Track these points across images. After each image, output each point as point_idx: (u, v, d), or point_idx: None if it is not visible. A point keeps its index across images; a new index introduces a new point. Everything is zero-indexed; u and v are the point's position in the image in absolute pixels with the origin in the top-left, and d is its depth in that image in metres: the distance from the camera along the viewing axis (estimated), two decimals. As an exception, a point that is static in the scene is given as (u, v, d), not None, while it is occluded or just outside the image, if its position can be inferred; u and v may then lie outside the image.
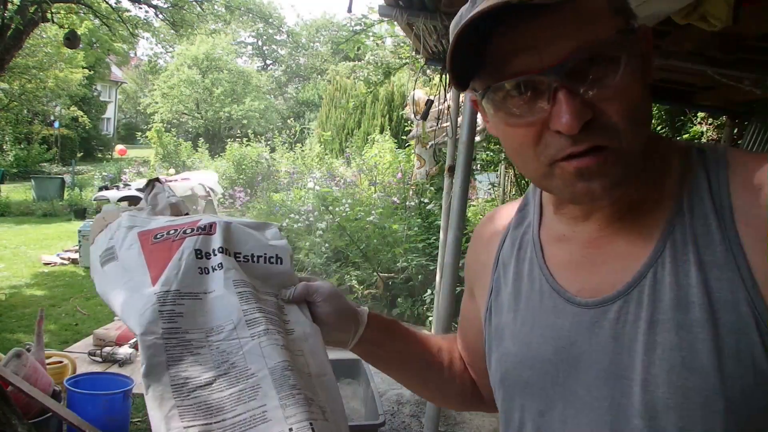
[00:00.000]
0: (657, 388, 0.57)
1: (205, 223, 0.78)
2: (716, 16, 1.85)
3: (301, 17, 70.40)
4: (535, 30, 0.55)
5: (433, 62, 3.86)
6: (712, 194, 0.59)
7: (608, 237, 0.65)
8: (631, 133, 0.56)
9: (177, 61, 28.17)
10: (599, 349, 0.62)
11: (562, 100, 0.54)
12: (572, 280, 0.67)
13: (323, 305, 0.79)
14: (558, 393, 0.66)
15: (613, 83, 0.55)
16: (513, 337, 0.71)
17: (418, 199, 6.76)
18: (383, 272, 5.65)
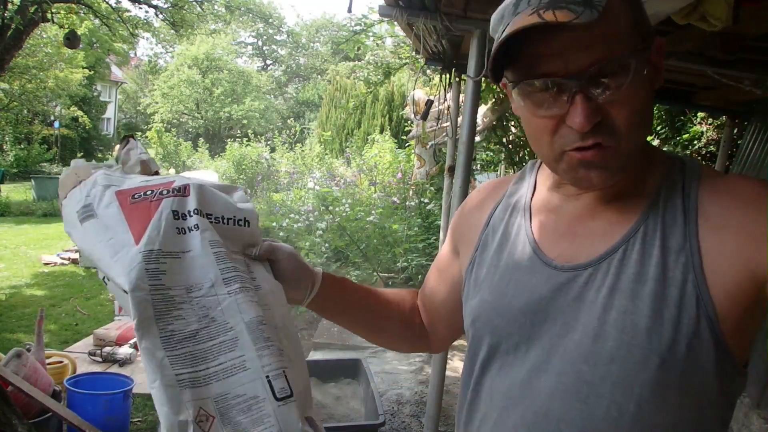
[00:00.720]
0: (606, 341, 0.69)
1: (179, 185, 0.82)
2: (716, 16, 1.84)
3: (301, 17, 70.45)
4: (566, 41, 0.65)
5: (433, 62, 3.85)
6: (683, 195, 0.71)
7: (592, 215, 0.76)
8: (631, 135, 0.68)
9: (177, 61, 28.17)
10: (565, 305, 0.73)
11: (579, 103, 0.66)
12: (552, 247, 0.78)
13: (284, 263, 0.88)
14: (523, 338, 0.76)
15: (622, 92, 0.66)
16: (490, 288, 0.82)
17: (418, 199, 6.76)
18: (383, 272, 5.65)
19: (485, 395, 0.81)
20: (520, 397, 0.75)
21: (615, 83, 0.66)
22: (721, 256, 0.66)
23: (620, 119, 0.67)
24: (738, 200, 0.68)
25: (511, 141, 6.31)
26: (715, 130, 5.36)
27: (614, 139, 0.68)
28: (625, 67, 0.66)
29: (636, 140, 0.70)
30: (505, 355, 0.78)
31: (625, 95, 0.66)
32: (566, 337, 0.72)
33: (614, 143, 0.68)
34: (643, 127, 0.70)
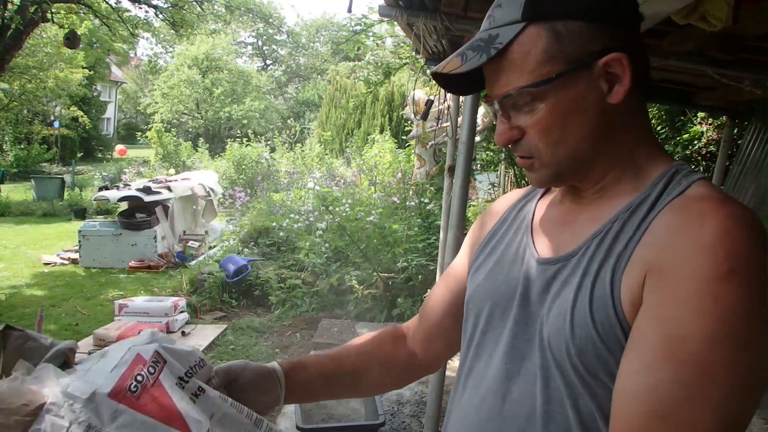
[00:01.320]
0: (545, 328, 0.76)
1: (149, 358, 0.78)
2: (716, 16, 1.84)
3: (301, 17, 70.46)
4: (489, 73, 0.79)
5: (433, 62, 3.85)
6: (651, 207, 0.73)
7: (579, 212, 0.82)
8: (549, 152, 0.76)
9: (177, 61, 28.16)
10: (534, 294, 0.80)
11: (498, 123, 0.80)
12: (542, 240, 0.84)
13: (244, 375, 0.93)
14: (498, 321, 0.84)
15: (532, 115, 0.75)
16: (486, 273, 0.90)
17: (418, 199, 6.76)
18: (383, 272, 5.64)
19: (468, 372, 0.88)
20: (485, 377, 0.83)
21: (527, 105, 0.75)
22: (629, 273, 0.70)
23: (534, 138, 0.76)
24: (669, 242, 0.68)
25: (511, 141, 6.30)
26: (715, 130, 5.36)
27: (533, 154, 0.78)
28: (529, 97, 0.74)
29: (558, 154, 0.76)
30: (482, 335, 0.86)
31: (536, 118, 0.75)
32: (528, 323, 0.79)
33: (534, 158, 0.78)
34: (565, 143, 0.75)
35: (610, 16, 0.74)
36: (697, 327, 0.62)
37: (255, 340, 4.99)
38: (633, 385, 0.65)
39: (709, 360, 0.61)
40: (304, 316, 5.52)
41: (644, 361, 0.65)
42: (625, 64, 0.72)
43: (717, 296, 0.62)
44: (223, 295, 5.94)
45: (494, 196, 7.28)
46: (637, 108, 0.78)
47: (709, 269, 0.63)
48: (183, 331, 5.04)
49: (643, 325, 0.66)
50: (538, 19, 0.73)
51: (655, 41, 2.63)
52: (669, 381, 0.62)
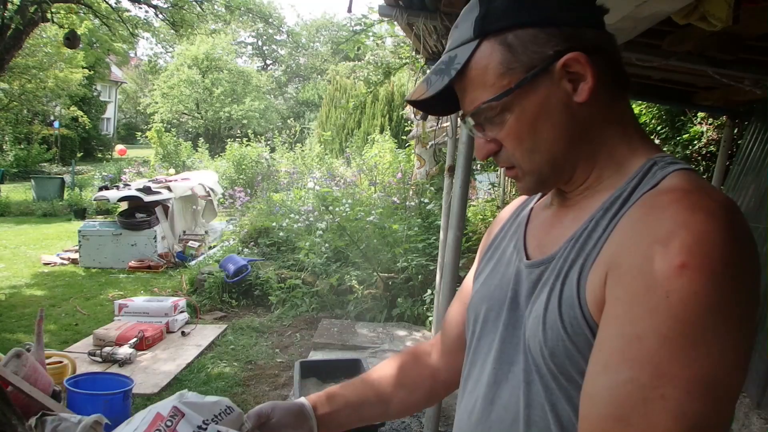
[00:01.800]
0: (526, 331, 0.77)
1: (169, 413, 0.86)
2: (716, 16, 1.84)
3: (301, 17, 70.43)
4: (457, 91, 0.80)
5: (433, 62, 3.84)
6: (623, 203, 0.72)
7: (565, 213, 0.82)
8: (526, 159, 0.77)
9: (177, 61, 28.15)
10: (522, 298, 0.80)
11: (475, 138, 0.82)
12: (532, 242, 0.86)
13: (276, 416, 0.97)
14: (492, 326, 0.84)
15: (503, 127, 0.76)
16: (484, 279, 0.91)
17: (418, 199, 6.76)
18: (383, 272, 5.64)
19: (466, 378, 0.89)
20: (479, 382, 0.85)
21: (497, 118, 0.76)
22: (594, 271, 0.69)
23: (510, 150, 0.78)
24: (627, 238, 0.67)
25: (511, 141, 6.30)
26: (715, 130, 5.35)
27: (513, 164, 0.80)
28: (497, 110, 0.75)
29: (537, 160, 0.77)
30: (477, 342, 0.88)
31: (507, 130, 0.76)
32: (516, 327, 0.80)
33: (515, 165, 0.79)
34: (540, 149, 0.76)
35: (562, 18, 0.73)
36: (650, 325, 0.60)
37: (255, 340, 4.99)
38: (593, 387, 0.64)
39: (664, 359, 0.59)
40: (304, 316, 5.52)
41: (604, 362, 0.63)
42: (584, 62, 0.72)
43: (669, 292, 0.60)
44: (223, 295, 5.94)
45: (494, 196, 7.28)
46: (613, 103, 0.77)
47: (662, 263, 0.61)
48: (183, 331, 5.04)
49: (603, 325, 0.65)
50: (489, 34, 0.74)
51: (655, 41, 2.63)
52: (626, 383, 0.60)
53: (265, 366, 4.44)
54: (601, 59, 0.74)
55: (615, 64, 0.77)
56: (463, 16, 0.79)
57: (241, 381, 4.12)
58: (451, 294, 2.85)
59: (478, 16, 0.75)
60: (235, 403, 0.94)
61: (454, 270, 2.85)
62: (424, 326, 5.18)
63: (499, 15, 0.74)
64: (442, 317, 2.90)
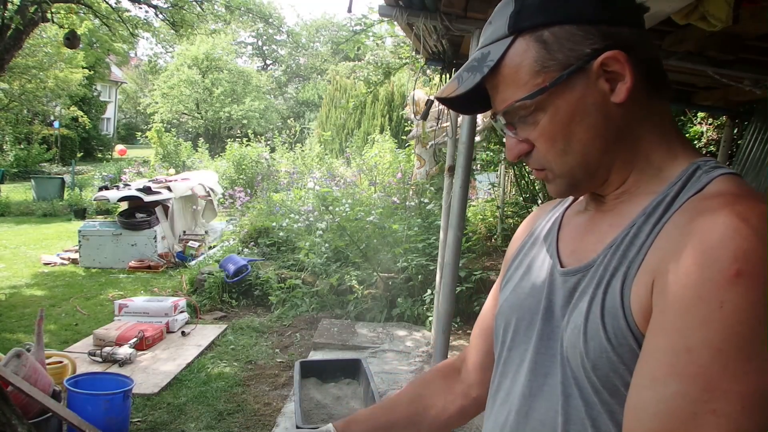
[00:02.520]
0: (564, 342, 0.73)
1: None
2: (716, 16, 1.84)
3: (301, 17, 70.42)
4: (489, 90, 0.78)
5: (433, 62, 3.85)
6: (666, 208, 0.69)
7: (602, 218, 0.79)
8: (559, 161, 0.75)
9: (177, 61, 28.14)
10: (557, 308, 0.77)
11: (506, 138, 0.79)
12: (566, 250, 0.82)
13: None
14: (523, 336, 0.81)
15: (536, 127, 0.74)
16: (513, 287, 0.87)
17: (418, 199, 6.76)
18: (383, 272, 5.64)
19: (497, 389, 0.86)
20: (510, 393, 0.81)
21: (525, 123, 0.75)
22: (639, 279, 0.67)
23: (543, 150, 0.75)
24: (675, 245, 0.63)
25: (511, 141, 6.29)
26: (715, 130, 5.36)
27: (544, 166, 0.77)
28: (530, 109, 0.73)
29: (569, 163, 0.74)
30: (508, 352, 0.84)
31: (539, 131, 0.74)
32: (552, 338, 0.77)
33: (546, 167, 0.77)
34: (573, 151, 0.73)
35: (600, 15, 0.71)
36: (702, 337, 0.58)
37: (255, 340, 4.99)
38: (640, 400, 0.62)
39: (716, 373, 0.57)
40: (304, 316, 5.52)
41: (651, 375, 0.61)
42: (623, 61, 0.69)
43: (724, 302, 0.57)
44: (223, 295, 5.94)
45: (494, 196, 7.28)
46: (651, 104, 0.73)
47: (715, 273, 0.58)
48: (183, 331, 5.04)
49: (650, 336, 0.63)
50: (525, 31, 0.72)
51: (655, 41, 2.63)
52: (675, 396, 0.58)
53: (265, 366, 4.44)
54: (639, 58, 0.71)
55: (653, 63, 0.74)
56: (497, 12, 0.76)
57: (241, 381, 4.12)
58: (451, 294, 2.85)
59: (512, 11, 0.73)
60: (235, 403, 0.93)
61: (454, 270, 2.85)
62: (424, 326, 5.18)
63: (534, 11, 0.72)
64: (442, 317, 2.91)
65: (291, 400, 3.72)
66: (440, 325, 2.91)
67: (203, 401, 3.77)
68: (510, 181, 7.09)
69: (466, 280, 5.27)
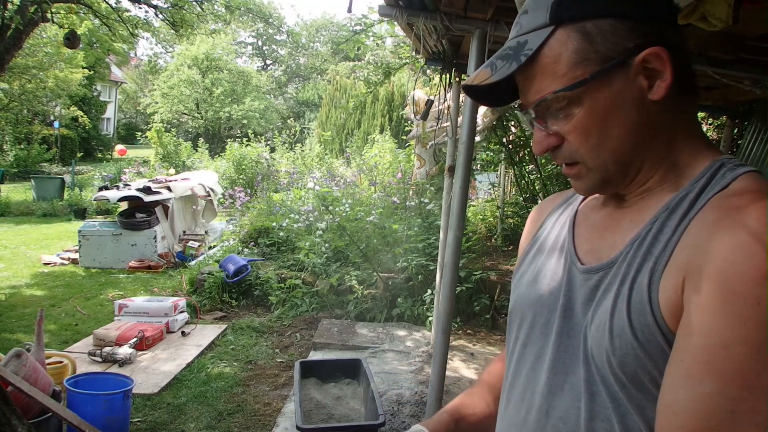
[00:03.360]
0: (588, 340, 0.72)
1: None
2: (716, 16, 1.84)
3: (301, 17, 70.40)
4: (520, 81, 0.76)
5: (433, 62, 3.85)
6: (691, 204, 0.69)
7: (622, 215, 0.78)
8: (592, 156, 0.73)
9: (177, 61, 28.14)
10: (577, 305, 0.76)
11: (535, 131, 0.77)
12: (584, 247, 0.81)
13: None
14: (540, 332, 0.81)
15: (569, 120, 0.72)
16: (528, 283, 0.86)
17: (418, 199, 6.76)
18: (383, 272, 5.64)
19: (510, 387, 0.86)
20: (527, 392, 0.81)
21: (564, 111, 0.73)
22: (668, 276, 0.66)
23: (575, 143, 0.73)
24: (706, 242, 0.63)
25: (511, 141, 6.31)
26: (715, 130, 5.35)
27: (576, 159, 0.75)
28: (564, 101, 0.72)
29: (602, 158, 0.73)
30: (522, 348, 0.84)
31: (574, 123, 0.72)
32: (572, 336, 0.76)
33: (579, 161, 0.75)
34: (606, 146, 0.72)
35: (642, 11, 0.70)
36: (739, 334, 0.57)
37: (255, 340, 4.99)
38: (674, 399, 0.61)
39: (754, 370, 0.56)
40: (304, 316, 5.52)
41: (685, 373, 0.60)
42: (665, 58, 0.69)
43: (761, 298, 0.56)
44: (223, 295, 5.93)
45: (494, 196, 7.27)
46: (683, 105, 0.74)
47: (750, 269, 0.57)
48: (183, 331, 5.04)
49: (683, 333, 0.62)
50: (566, 21, 0.71)
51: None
52: (712, 395, 0.58)
53: (265, 366, 4.44)
54: (677, 57, 0.71)
55: (688, 65, 0.74)
56: (534, 1, 0.74)
57: (241, 381, 4.12)
58: (451, 294, 2.85)
59: (554, 2, 0.72)
60: (235, 403, 0.92)
61: (454, 270, 2.85)
62: (424, 326, 5.18)
63: (577, 2, 0.71)
64: (442, 317, 2.90)
65: (291, 400, 3.72)
66: (440, 325, 2.91)
67: (203, 401, 3.77)
68: (510, 181, 7.09)
69: (466, 280, 5.27)
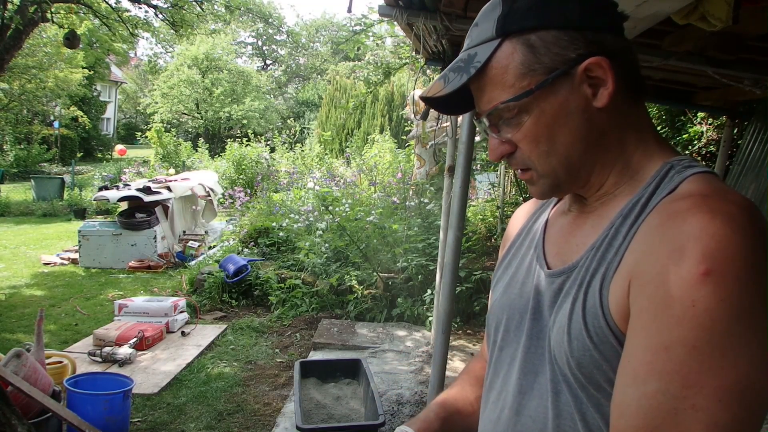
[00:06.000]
0: (552, 341, 0.76)
1: None
2: (716, 16, 1.84)
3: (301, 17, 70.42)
4: (474, 90, 0.79)
5: (433, 62, 3.85)
6: (641, 210, 0.71)
7: (585, 220, 0.81)
8: (543, 162, 0.76)
9: (177, 61, 28.13)
10: (545, 308, 0.80)
11: (490, 139, 0.79)
12: (551, 251, 0.84)
13: None
14: (513, 336, 0.84)
15: (519, 129, 0.75)
16: (503, 288, 0.90)
17: (418, 199, 6.76)
18: (383, 272, 5.64)
19: (489, 388, 0.89)
20: (502, 392, 0.84)
21: (514, 119, 0.75)
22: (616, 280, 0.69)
23: (526, 150, 0.76)
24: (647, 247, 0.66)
25: (511, 141, 6.29)
26: (715, 130, 5.36)
27: (528, 166, 0.78)
28: (514, 110, 0.74)
29: (553, 164, 0.76)
30: (499, 352, 0.87)
31: (524, 132, 0.75)
32: (540, 338, 0.80)
33: (531, 167, 0.77)
34: (557, 152, 0.75)
35: (584, 21, 0.73)
36: (678, 335, 0.60)
37: (255, 340, 4.99)
38: (623, 399, 0.64)
39: (693, 370, 0.59)
40: (304, 316, 5.52)
41: (632, 373, 0.63)
42: (606, 67, 0.72)
43: (695, 301, 0.59)
44: (223, 295, 5.93)
45: (494, 196, 7.28)
46: (630, 109, 0.76)
47: (685, 272, 0.60)
48: (183, 331, 5.04)
49: (630, 335, 0.65)
50: (512, 34, 0.73)
51: (655, 41, 2.63)
52: (655, 394, 0.60)
53: (265, 366, 4.44)
54: (620, 65, 0.73)
55: (633, 69, 0.76)
56: (483, 14, 0.77)
57: (241, 381, 4.12)
58: (451, 294, 2.85)
59: (500, 15, 0.74)
60: (235, 403, 0.91)
61: (454, 270, 2.85)
62: (424, 326, 5.18)
63: (521, 15, 0.73)
64: (442, 317, 2.90)
65: (291, 400, 3.72)
66: (440, 325, 2.91)
67: (203, 401, 3.77)
68: (510, 181, 7.09)
69: (466, 280, 5.27)
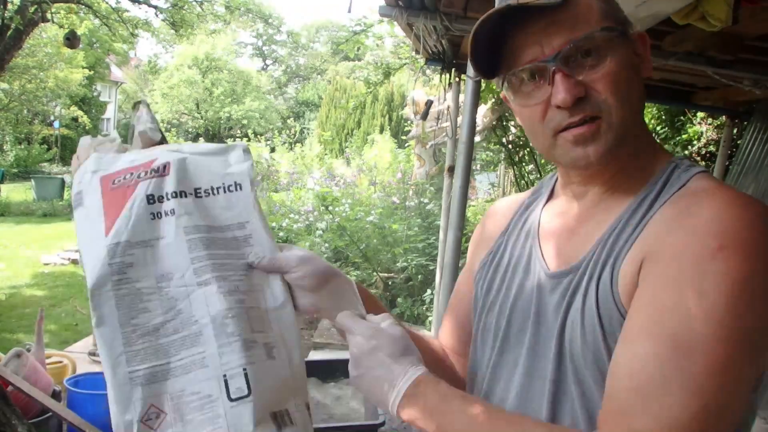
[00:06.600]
0: (564, 341, 0.73)
1: (159, 164, 0.77)
2: (716, 16, 1.84)
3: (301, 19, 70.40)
4: (539, 29, 0.71)
5: (433, 62, 3.85)
6: (651, 205, 0.72)
7: (588, 216, 0.79)
8: (619, 107, 0.70)
9: (177, 62, 28.14)
10: (549, 311, 0.77)
11: (558, 82, 0.70)
12: (550, 250, 0.81)
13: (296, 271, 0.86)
14: (516, 339, 0.81)
15: (600, 68, 0.70)
16: (497, 289, 0.86)
17: (418, 199, 6.76)
18: (383, 272, 5.64)
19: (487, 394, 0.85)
20: (505, 400, 0.81)
21: (591, 59, 0.70)
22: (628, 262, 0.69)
23: (604, 92, 0.70)
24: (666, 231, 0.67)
25: (511, 141, 6.31)
26: (715, 130, 5.36)
27: (602, 110, 0.70)
28: (598, 42, 0.70)
29: (627, 112, 0.71)
30: (499, 356, 0.84)
31: (606, 70, 0.70)
32: (546, 341, 0.77)
33: (603, 114, 0.70)
34: (630, 101, 0.71)
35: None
36: (677, 302, 0.61)
37: (255, 340, 4.99)
38: (615, 361, 0.65)
39: (686, 336, 0.60)
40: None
41: (627, 337, 0.65)
42: (648, 45, 0.74)
43: (705, 273, 0.61)
44: (223, 295, 5.93)
45: (494, 196, 7.28)
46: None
47: (698, 248, 0.62)
48: (183, 331, 5.04)
49: (633, 306, 0.66)
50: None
51: (655, 41, 2.63)
52: (645, 355, 0.62)
53: (265, 366, 4.44)
54: None
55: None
56: None
57: (241, 381, 4.12)
58: (451, 294, 2.85)
59: None
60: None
61: (454, 270, 2.85)
62: (424, 326, 5.18)
63: None
64: (442, 317, 2.90)
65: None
66: (440, 326, 2.90)
67: (203, 401, 3.77)
68: (510, 181, 7.10)
69: (466, 280, 5.27)
